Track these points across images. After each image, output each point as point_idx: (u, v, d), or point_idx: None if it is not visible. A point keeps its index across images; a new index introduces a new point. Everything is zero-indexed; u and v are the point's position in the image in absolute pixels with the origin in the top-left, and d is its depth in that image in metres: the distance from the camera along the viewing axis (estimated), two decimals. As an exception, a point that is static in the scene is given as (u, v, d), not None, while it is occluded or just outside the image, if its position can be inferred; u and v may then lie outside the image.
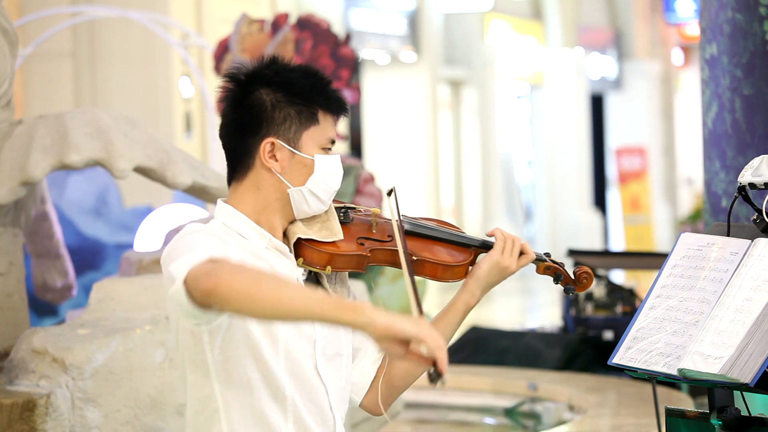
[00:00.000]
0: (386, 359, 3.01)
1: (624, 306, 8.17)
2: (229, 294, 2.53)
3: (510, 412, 6.88)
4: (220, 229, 2.80)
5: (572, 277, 3.05)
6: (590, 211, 23.58)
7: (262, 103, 2.83)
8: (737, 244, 2.93)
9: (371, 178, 8.66)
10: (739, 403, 2.91)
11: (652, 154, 24.36)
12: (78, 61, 13.29)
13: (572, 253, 8.56)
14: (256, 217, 2.85)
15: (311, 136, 2.85)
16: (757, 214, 2.95)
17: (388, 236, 2.90)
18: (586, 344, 7.72)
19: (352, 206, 2.99)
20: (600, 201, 25.28)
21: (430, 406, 7.19)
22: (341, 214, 2.95)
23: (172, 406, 4.74)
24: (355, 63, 9.07)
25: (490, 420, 7.03)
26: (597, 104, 25.49)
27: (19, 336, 4.88)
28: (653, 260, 9.36)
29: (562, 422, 6.40)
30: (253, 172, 2.85)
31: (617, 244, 24.06)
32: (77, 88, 13.31)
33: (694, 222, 21.28)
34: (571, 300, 8.23)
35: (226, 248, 2.73)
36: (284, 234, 2.89)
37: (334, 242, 2.88)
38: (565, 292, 3.07)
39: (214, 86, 10.97)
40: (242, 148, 2.85)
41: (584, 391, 6.53)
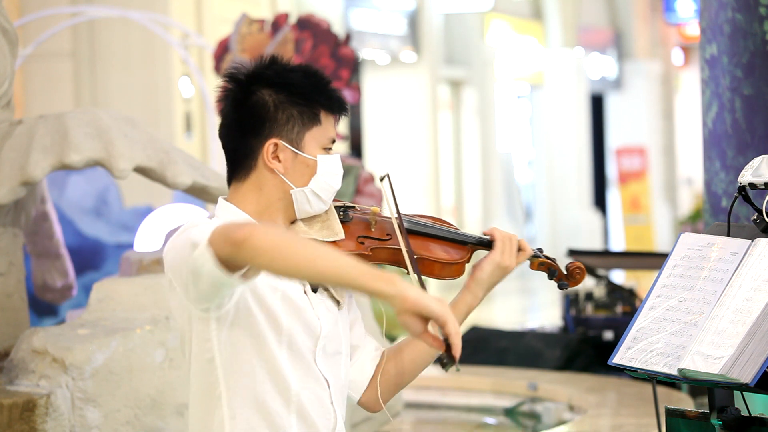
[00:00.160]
0: (383, 357, 3.02)
1: (624, 306, 8.17)
2: (264, 245, 2.51)
3: (510, 412, 6.88)
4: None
5: (565, 272, 3.06)
6: (590, 211, 23.57)
7: (264, 104, 2.84)
8: (737, 244, 2.93)
9: (371, 178, 8.66)
10: (739, 403, 2.91)
11: (652, 154, 24.36)
12: (78, 61, 13.29)
13: (572, 253, 8.55)
14: (258, 216, 2.85)
15: (313, 136, 2.86)
16: (757, 214, 2.95)
17: (387, 234, 2.90)
18: (586, 344, 7.72)
19: (351, 205, 3.00)
20: (600, 201, 25.28)
21: (430, 406, 7.19)
22: (341, 213, 2.96)
23: (172, 406, 4.74)
24: (355, 63, 9.07)
25: (490, 420, 7.03)
26: (597, 104, 25.49)
27: (19, 336, 4.88)
28: (653, 260, 9.36)
29: (562, 422, 6.40)
30: (256, 173, 2.85)
31: (617, 244, 24.06)
32: (77, 88, 13.30)
33: (694, 222, 21.28)
34: (571, 300, 8.23)
35: None
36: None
37: (335, 242, 2.89)
38: (559, 287, 3.08)
39: (214, 86, 10.98)
40: (244, 148, 2.85)
41: (584, 391, 6.53)
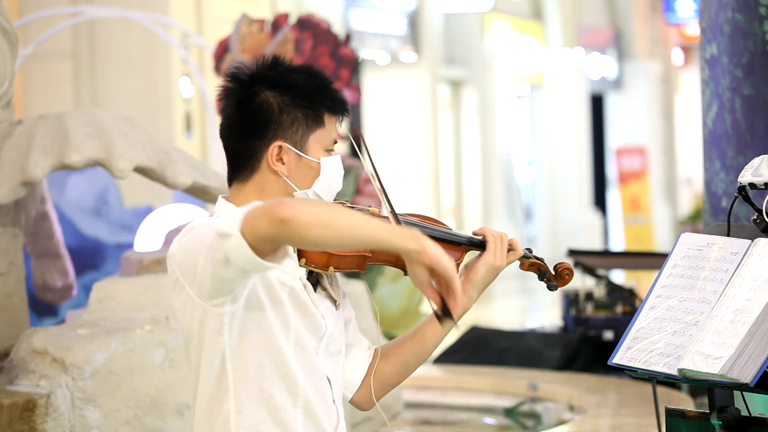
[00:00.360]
0: (377, 356, 3.02)
1: (624, 306, 8.17)
2: (308, 219, 2.49)
3: (510, 412, 6.88)
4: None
5: (553, 273, 3.06)
6: (590, 211, 23.58)
7: (269, 106, 2.83)
8: (737, 244, 2.93)
9: (371, 179, 8.65)
10: (739, 403, 2.91)
11: (652, 154, 24.37)
12: (78, 61, 13.29)
13: (572, 253, 8.56)
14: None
15: (317, 138, 2.86)
16: (757, 214, 2.95)
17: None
18: (586, 344, 7.72)
19: (350, 206, 2.99)
20: (600, 201, 25.29)
21: (430, 406, 7.19)
22: None
23: (172, 406, 4.74)
24: (355, 63, 9.07)
25: (490, 420, 7.03)
26: (597, 104, 25.50)
27: (19, 336, 4.88)
28: (653, 260, 9.36)
29: (562, 422, 6.40)
30: (259, 174, 2.85)
31: (617, 244, 24.07)
32: (77, 88, 13.31)
33: (694, 222, 21.28)
34: (571, 300, 8.23)
35: None
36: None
37: None
38: (549, 288, 3.08)
39: (214, 86, 10.98)
40: (248, 150, 2.84)
41: (584, 391, 6.53)
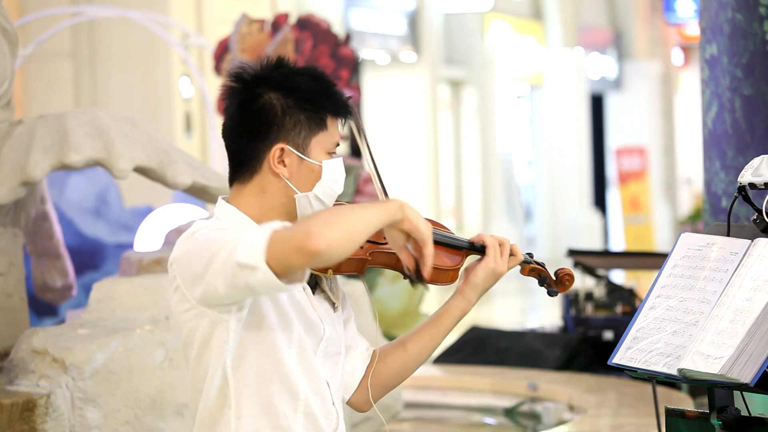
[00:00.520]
0: (375, 358, 3.02)
1: (624, 306, 8.18)
2: (337, 242, 2.56)
3: (510, 412, 6.88)
4: (225, 226, 2.79)
5: (554, 278, 3.04)
6: (590, 211, 23.58)
7: (272, 108, 2.82)
8: (737, 244, 2.93)
9: (371, 178, 8.66)
10: (739, 403, 2.91)
11: (652, 154, 24.36)
12: (78, 61, 13.29)
13: (572, 253, 8.56)
14: (258, 219, 2.84)
15: (319, 141, 2.85)
16: (757, 214, 2.95)
17: (384, 238, 2.89)
18: (586, 344, 7.72)
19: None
20: (600, 201, 25.29)
21: (430, 406, 7.19)
22: None
23: (172, 406, 4.74)
24: (355, 63, 9.07)
25: (490, 420, 7.03)
26: (597, 104, 25.50)
27: (19, 336, 4.88)
28: (653, 260, 9.37)
29: (562, 422, 6.40)
30: (260, 176, 2.84)
31: (617, 244, 24.06)
32: (77, 88, 13.31)
33: (694, 222, 21.28)
34: (571, 300, 8.23)
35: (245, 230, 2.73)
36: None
37: None
38: (549, 294, 3.06)
39: (214, 86, 10.99)
40: (249, 151, 2.83)
41: (584, 391, 6.54)
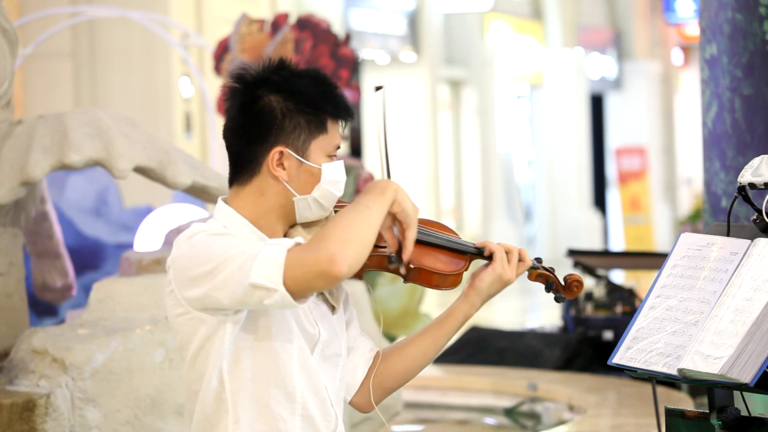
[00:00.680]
0: (377, 359, 3.02)
1: (624, 306, 8.18)
2: (355, 258, 2.65)
3: (510, 412, 6.88)
4: (222, 230, 2.79)
5: (563, 284, 3.03)
6: (590, 211, 23.58)
7: (272, 110, 2.82)
8: (737, 244, 2.93)
9: (371, 178, 8.66)
10: (739, 403, 2.91)
11: (652, 154, 24.36)
12: (78, 61, 13.29)
13: (572, 253, 8.56)
14: (256, 221, 2.84)
15: (319, 144, 2.85)
16: (757, 214, 2.95)
17: (385, 241, 2.88)
18: (586, 344, 7.72)
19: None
20: (600, 201, 25.29)
21: (430, 406, 7.19)
22: None
23: (172, 406, 4.74)
24: (355, 63, 9.07)
25: (490, 420, 7.03)
26: (597, 104, 25.50)
27: (19, 336, 4.88)
28: (653, 260, 9.37)
29: (562, 422, 6.40)
30: (259, 178, 2.84)
31: (617, 244, 24.06)
32: (77, 88, 13.31)
33: (694, 222, 21.28)
34: (570, 300, 8.23)
35: (248, 242, 2.74)
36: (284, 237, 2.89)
37: None
38: (556, 300, 3.04)
39: (214, 86, 11.00)
40: (249, 153, 2.83)
41: (584, 391, 6.54)
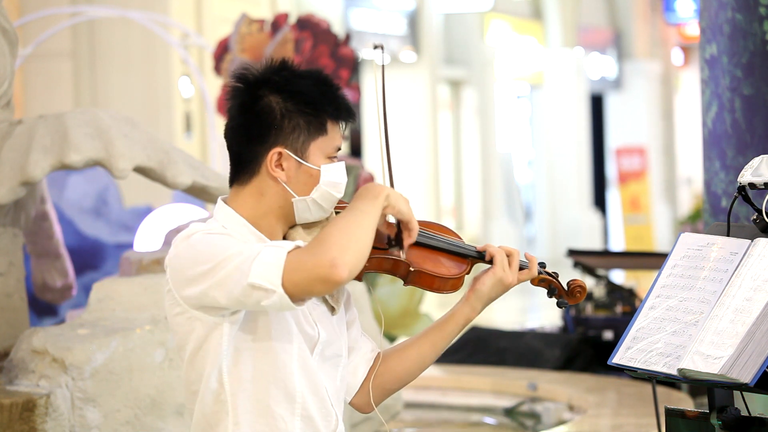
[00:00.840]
0: (378, 360, 3.02)
1: (624, 306, 8.17)
2: (355, 263, 2.67)
3: (510, 412, 6.88)
4: (221, 230, 2.80)
5: (565, 289, 3.02)
6: (590, 211, 23.57)
7: (271, 111, 2.82)
8: (737, 244, 2.93)
9: (371, 178, 8.66)
10: (739, 403, 2.92)
11: (652, 154, 24.36)
12: (78, 61, 13.29)
13: (572, 253, 8.55)
14: (255, 221, 2.84)
15: (319, 146, 2.85)
16: (757, 214, 2.95)
17: (385, 243, 2.88)
18: (586, 344, 7.72)
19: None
20: (600, 201, 25.28)
21: (430, 406, 7.19)
22: None
23: (172, 406, 4.74)
24: (354, 63, 9.07)
25: (490, 420, 7.03)
26: (597, 104, 25.49)
27: (19, 336, 4.88)
28: (653, 260, 9.36)
29: (562, 422, 6.40)
30: (258, 179, 2.84)
31: (617, 244, 24.05)
32: (77, 88, 13.30)
33: (694, 222, 21.27)
34: (570, 301, 8.22)
35: (245, 243, 2.74)
36: (284, 238, 2.89)
37: None
38: (558, 305, 3.02)
39: (214, 86, 10.99)
40: (248, 153, 2.84)
41: (584, 391, 6.54)
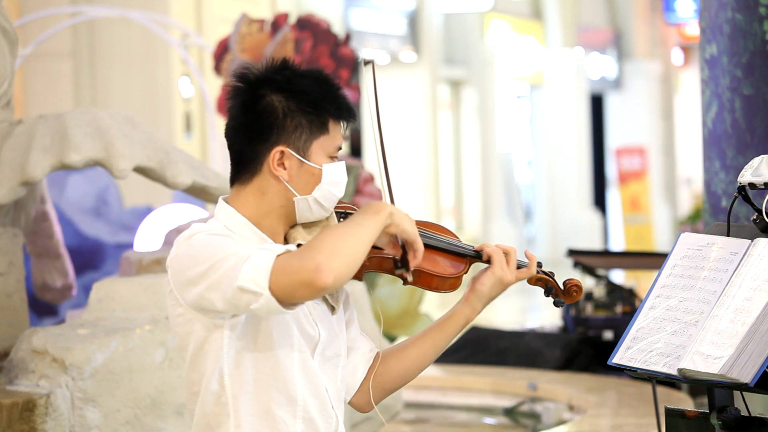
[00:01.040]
0: (377, 359, 3.02)
1: (624, 306, 8.17)
2: (341, 271, 2.64)
3: (510, 412, 6.88)
4: (222, 230, 2.80)
5: (562, 288, 3.02)
6: (590, 211, 23.57)
7: (273, 110, 2.82)
8: (737, 244, 2.93)
9: (371, 178, 8.66)
10: (739, 403, 2.92)
11: (652, 154, 24.36)
12: (78, 61, 13.29)
13: (572, 253, 8.55)
14: (257, 221, 2.84)
15: (320, 145, 2.85)
16: (757, 214, 2.95)
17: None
18: (586, 344, 7.72)
19: (351, 211, 2.98)
20: (600, 201, 25.29)
21: (430, 406, 7.19)
22: (341, 219, 2.94)
23: (172, 406, 4.74)
24: (354, 63, 9.07)
25: (490, 420, 7.03)
26: (597, 104, 25.49)
27: (19, 336, 4.88)
28: (653, 260, 9.37)
29: (562, 422, 6.40)
30: (260, 178, 2.84)
31: (617, 244, 24.06)
32: (77, 88, 13.30)
33: (694, 222, 21.27)
34: (570, 301, 8.21)
35: (243, 245, 2.74)
36: (284, 238, 2.89)
37: None
38: (555, 304, 3.02)
39: (214, 86, 10.99)
40: (250, 152, 2.84)
41: (584, 391, 6.54)
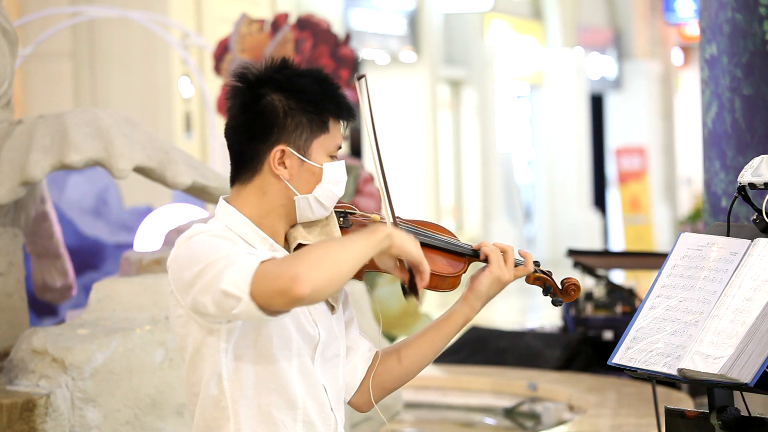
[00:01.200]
0: (377, 359, 3.02)
1: (624, 306, 8.17)
2: (322, 284, 2.59)
3: (510, 412, 6.88)
4: (223, 231, 2.80)
5: (560, 287, 3.02)
6: (590, 211, 23.58)
7: (274, 109, 2.82)
8: (737, 244, 2.93)
9: (371, 178, 8.66)
10: (739, 403, 2.92)
11: (652, 154, 24.37)
12: (78, 61, 13.29)
13: (572, 253, 8.55)
14: (258, 220, 2.84)
15: (321, 144, 2.85)
16: (757, 214, 2.95)
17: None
18: (585, 344, 7.72)
19: (352, 211, 2.98)
20: (600, 201, 25.29)
21: (430, 406, 7.19)
22: (341, 219, 2.94)
23: (172, 406, 4.74)
24: (354, 63, 9.07)
25: (490, 420, 7.03)
26: (597, 104, 25.50)
27: (19, 336, 4.88)
28: (653, 260, 9.36)
29: (562, 422, 6.40)
30: (260, 177, 2.84)
31: (617, 244, 24.06)
32: (77, 88, 13.31)
33: (694, 222, 21.27)
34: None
35: (238, 249, 2.73)
36: (285, 237, 2.89)
37: None
38: (553, 303, 3.02)
39: (214, 86, 10.99)
40: (250, 152, 2.84)
41: (584, 391, 6.54)
